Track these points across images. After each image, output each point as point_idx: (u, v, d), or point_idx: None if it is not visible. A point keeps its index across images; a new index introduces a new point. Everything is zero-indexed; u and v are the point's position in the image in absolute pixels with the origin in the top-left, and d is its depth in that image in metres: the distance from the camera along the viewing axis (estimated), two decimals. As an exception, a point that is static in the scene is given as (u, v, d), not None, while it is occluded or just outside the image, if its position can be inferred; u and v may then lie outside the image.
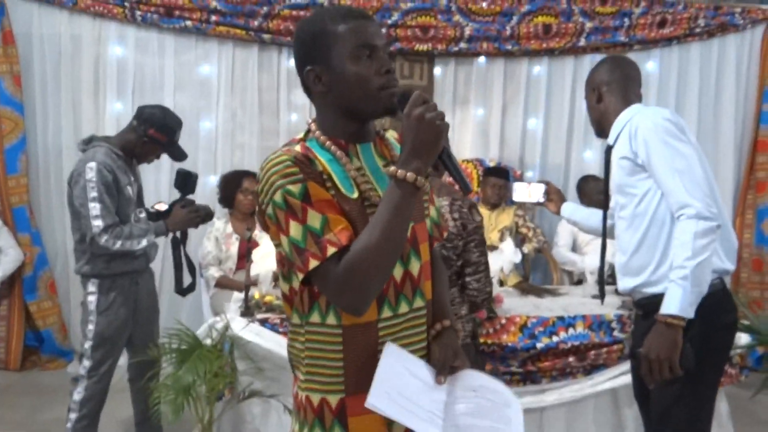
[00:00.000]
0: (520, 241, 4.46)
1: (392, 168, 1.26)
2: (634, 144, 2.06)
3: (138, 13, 4.45)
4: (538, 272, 4.84)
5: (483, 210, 4.45)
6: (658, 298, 1.98)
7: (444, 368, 1.41)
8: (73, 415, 2.82)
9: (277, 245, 1.35)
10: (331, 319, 1.36)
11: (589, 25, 4.71)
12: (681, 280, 1.89)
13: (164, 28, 4.51)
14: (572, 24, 4.71)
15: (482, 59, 4.81)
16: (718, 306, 2.02)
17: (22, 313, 4.60)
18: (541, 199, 2.70)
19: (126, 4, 4.45)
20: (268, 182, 1.29)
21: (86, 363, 2.82)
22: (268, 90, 4.75)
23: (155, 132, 2.86)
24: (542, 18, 4.72)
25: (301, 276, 1.28)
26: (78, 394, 2.81)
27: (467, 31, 4.64)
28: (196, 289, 3.17)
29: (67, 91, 4.56)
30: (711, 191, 2.00)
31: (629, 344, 2.16)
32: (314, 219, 1.27)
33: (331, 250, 1.25)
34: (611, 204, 2.35)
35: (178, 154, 2.99)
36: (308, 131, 1.40)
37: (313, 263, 1.25)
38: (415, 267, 1.41)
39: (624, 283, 2.18)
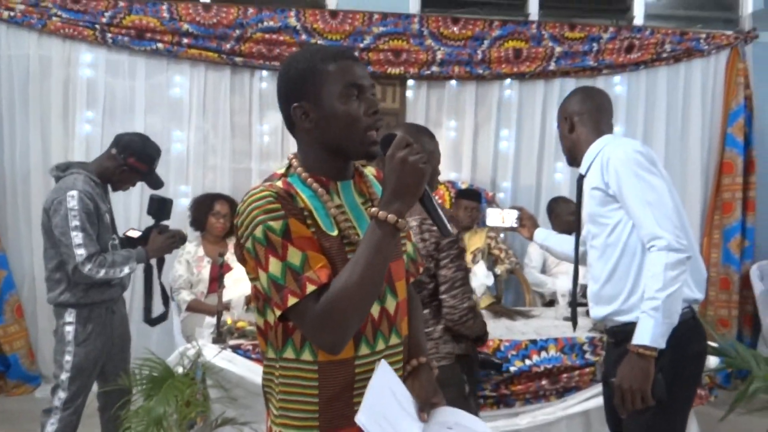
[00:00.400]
0: (492, 262, 4.48)
1: (374, 209, 1.28)
2: (605, 175, 2.09)
3: (109, 35, 4.43)
4: (511, 293, 4.87)
5: (455, 232, 4.47)
6: (629, 327, 2.01)
7: (426, 405, 1.41)
8: None
9: (253, 279, 1.35)
10: (306, 355, 1.35)
11: (558, 49, 4.79)
12: (653, 311, 1.92)
13: (135, 50, 4.49)
14: (542, 48, 4.78)
15: (454, 83, 4.87)
16: (688, 335, 2.05)
17: (-12, 338, 4.51)
18: (515, 224, 2.72)
19: (97, 26, 4.42)
20: (249, 216, 1.29)
21: (62, 395, 2.75)
22: (240, 112, 4.74)
23: (135, 161, 2.83)
24: (513, 42, 4.80)
25: (278, 312, 1.27)
26: (51, 426, 2.74)
27: (439, 55, 4.69)
28: (168, 318, 3.13)
29: (35, 112, 4.51)
30: (681, 223, 2.04)
31: (601, 370, 2.19)
32: (294, 256, 1.27)
33: (310, 288, 1.25)
34: (583, 232, 2.37)
35: (156, 182, 2.96)
36: (289, 166, 1.41)
37: (291, 300, 1.25)
38: (391, 305, 1.41)
39: (596, 311, 2.20)
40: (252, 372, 2.84)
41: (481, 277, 3.61)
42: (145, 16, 4.45)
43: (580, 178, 2.28)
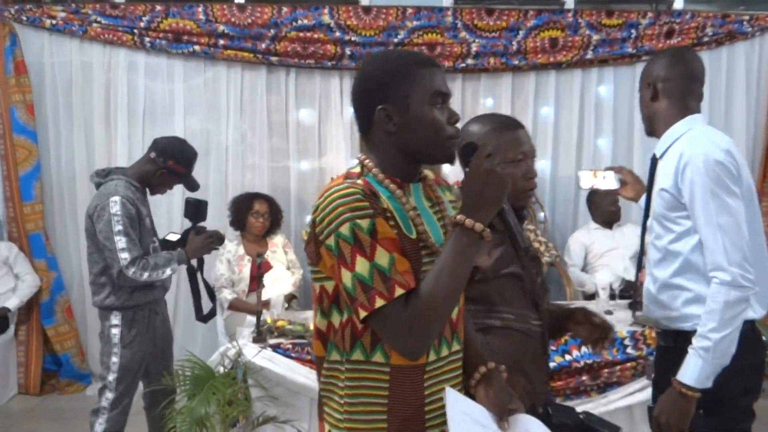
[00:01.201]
0: (532, 255, 4.45)
1: (460, 216, 1.29)
2: (680, 181, 1.91)
3: (147, 39, 4.51)
4: (552, 286, 4.82)
5: (494, 226, 4.45)
6: (682, 335, 1.92)
7: (505, 413, 1.40)
8: None
9: (322, 279, 1.36)
10: (378, 357, 1.34)
11: (595, 37, 4.71)
12: (703, 351, 1.81)
13: (173, 53, 4.56)
14: (579, 37, 4.71)
15: (489, 75, 4.82)
16: (745, 347, 1.89)
17: (41, 338, 4.66)
18: (615, 185, 2.40)
19: (135, 31, 4.50)
20: (334, 213, 1.28)
21: (109, 395, 2.83)
22: (277, 111, 4.79)
23: (174, 164, 2.89)
24: (549, 32, 4.73)
25: (363, 314, 1.26)
26: (100, 426, 2.82)
27: (474, 48, 4.66)
28: (217, 313, 3.20)
29: (78, 118, 4.63)
30: (756, 244, 1.91)
31: (651, 371, 2.09)
32: (382, 257, 1.26)
33: (398, 292, 1.24)
34: (648, 222, 2.16)
35: (193, 185, 3.02)
36: (362, 167, 1.41)
37: (379, 302, 1.24)
38: (454, 310, 1.41)
39: (649, 311, 2.08)
40: (292, 371, 2.89)
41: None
42: (181, 19, 4.51)
43: (654, 158, 2.08)
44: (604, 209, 4.46)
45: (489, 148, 1.32)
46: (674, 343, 1.99)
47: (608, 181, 2.41)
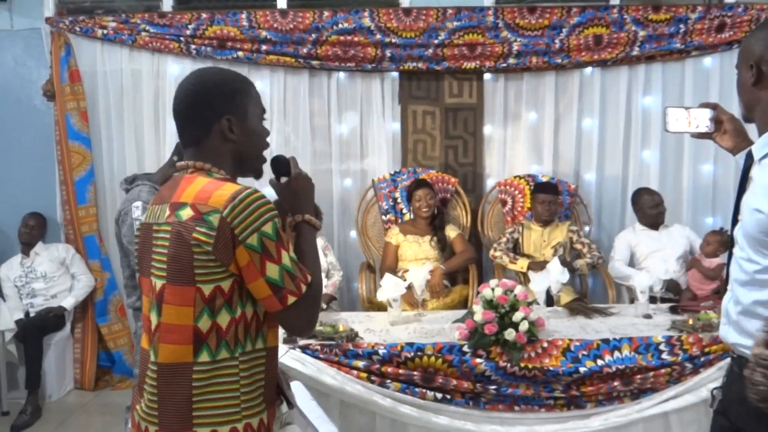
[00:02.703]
0: (575, 257, 4.37)
1: (306, 216, 1.57)
2: None
3: (192, 46, 4.63)
4: (598, 288, 4.72)
5: (535, 227, 4.40)
6: None
7: None
8: None
9: (219, 279, 1.40)
10: (260, 344, 1.48)
11: (642, 33, 4.58)
12: None
13: (218, 59, 4.66)
14: (624, 33, 4.59)
15: (532, 74, 4.76)
16: None
17: (95, 336, 4.85)
18: (708, 128, 1.93)
19: (181, 38, 4.63)
20: (256, 213, 1.39)
21: None
22: (319, 114, 4.85)
23: None
24: (593, 29, 4.63)
25: (293, 299, 1.42)
26: None
27: (515, 47, 4.60)
28: None
29: (129, 123, 4.79)
30: None
31: (719, 398, 1.80)
32: (289, 250, 1.45)
33: (309, 277, 1.47)
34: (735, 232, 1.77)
35: None
36: (208, 172, 1.50)
37: (303, 288, 1.44)
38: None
39: (726, 333, 1.77)
40: (320, 372, 2.92)
41: (555, 274, 3.52)
42: (225, 26, 4.62)
43: (749, 157, 1.71)
44: (646, 212, 4.34)
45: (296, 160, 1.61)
46: None
47: (701, 121, 1.94)
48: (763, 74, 1.64)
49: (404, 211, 4.64)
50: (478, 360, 2.96)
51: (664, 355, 3.00)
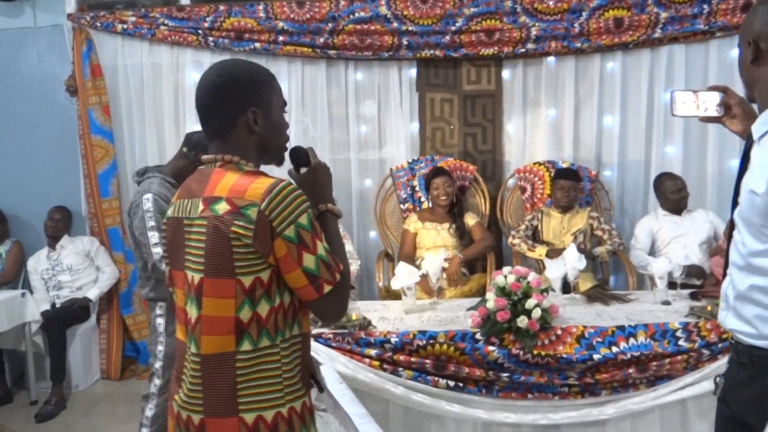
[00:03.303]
0: (596, 243, 4.31)
1: (322, 205, 1.60)
2: None
3: (210, 39, 4.66)
4: (621, 275, 4.65)
5: (555, 213, 4.34)
6: (759, 353, 1.61)
7: None
8: (144, 431, 3.00)
9: (259, 270, 1.42)
10: (296, 330, 1.52)
11: (664, 15, 4.48)
12: None
13: (235, 51, 4.68)
14: (646, 16, 4.49)
15: (551, 59, 4.69)
16: None
17: (120, 327, 4.94)
18: (717, 113, 1.85)
19: (200, 31, 4.67)
20: (291, 206, 1.42)
21: (157, 381, 2.98)
22: (337, 104, 4.84)
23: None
24: (613, 12, 4.53)
25: (328, 288, 1.47)
26: (150, 411, 2.97)
27: (534, 32, 4.53)
28: None
29: (150, 117, 4.85)
30: None
31: (721, 386, 1.76)
32: (323, 240, 1.50)
33: (341, 266, 1.50)
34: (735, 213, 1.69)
35: None
36: (239, 164, 1.53)
37: (337, 276, 1.48)
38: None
39: (725, 319, 1.72)
40: (333, 360, 2.92)
41: (572, 261, 3.47)
42: (243, 17, 4.64)
43: (749, 140, 1.66)
44: (668, 197, 4.25)
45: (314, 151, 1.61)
46: (749, 361, 1.64)
47: (709, 105, 1.86)
48: (761, 51, 1.59)
49: (422, 199, 4.62)
50: (491, 347, 2.94)
51: (681, 342, 2.94)
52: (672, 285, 3.48)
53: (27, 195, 4.96)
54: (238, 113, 1.51)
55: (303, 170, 1.62)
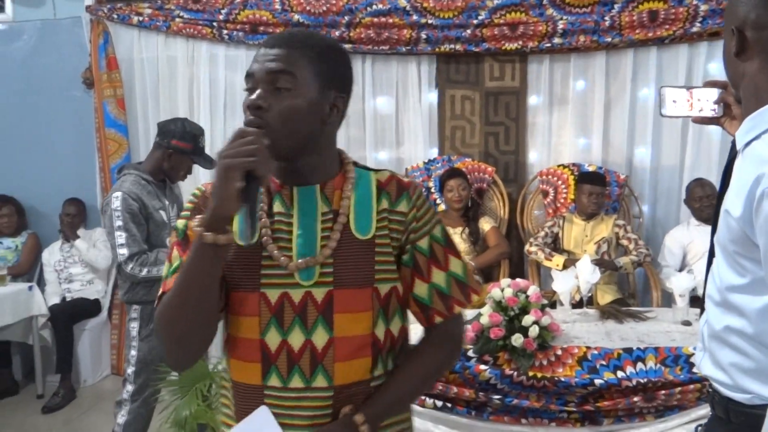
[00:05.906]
0: (621, 253, 4.02)
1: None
2: (754, 215, 1.20)
3: (225, 32, 4.55)
4: (645, 289, 4.34)
5: (578, 221, 4.07)
6: (735, 407, 1.34)
7: None
8: None
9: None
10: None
11: (703, 7, 4.13)
12: None
13: (250, 44, 4.56)
14: (684, 8, 4.16)
15: (579, 54, 4.40)
16: None
17: (132, 322, 4.87)
18: (715, 113, 1.56)
19: (214, 24, 4.56)
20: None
21: (129, 387, 2.88)
22: (353, 100, 4.54)
23: (178, 141, 2.86)
24: (648, 4, 4.21)
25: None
26: (122, 417, 2.87)
27: (561, 25, 4.26)
28: None
29: (165, 110, 4.76)
30: None
31: None
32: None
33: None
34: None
35: (208, 162, 2.96)
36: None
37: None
38: (320, 339, 1.21)
39: (701, 362, 1.47)
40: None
41: (584, 275, 3.21)
42: (258, 10, 4.51)
43: (734, 149, 1.40)
44: (693, 204, 3.93)
45: (242, 131, 1.15)
46: (725, 416, 1.38)
47: (705, 104, 1.57)
48: (748, 41, 1.28)
49: (438, 201, 4.40)
50: (483, 366, 2.72)
51: (695, 369, 2.66)
52: (697, 302, 3.19)
53: (44, 187, 4.95)
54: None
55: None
